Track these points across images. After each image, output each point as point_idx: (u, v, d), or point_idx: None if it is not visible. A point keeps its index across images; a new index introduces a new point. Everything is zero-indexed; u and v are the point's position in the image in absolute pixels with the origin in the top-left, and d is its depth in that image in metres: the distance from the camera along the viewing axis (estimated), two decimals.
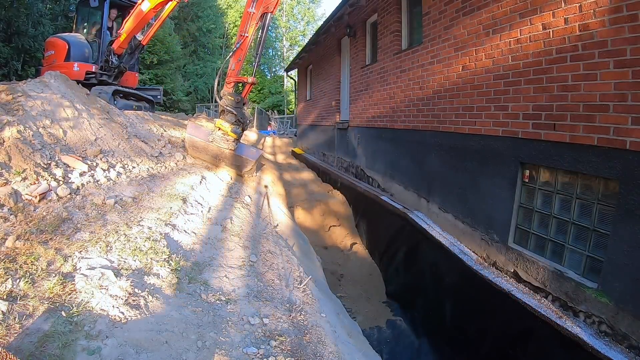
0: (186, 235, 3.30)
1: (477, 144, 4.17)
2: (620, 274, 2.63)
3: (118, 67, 7.89)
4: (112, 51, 7.67)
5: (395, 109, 6.29)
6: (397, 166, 6.40)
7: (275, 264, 3.61)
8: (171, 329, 2.12)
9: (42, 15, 13.71)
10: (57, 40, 8.21)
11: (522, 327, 3.31)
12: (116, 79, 8.11)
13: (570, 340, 2.78)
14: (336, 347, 2.63)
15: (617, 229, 2.68)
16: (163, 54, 22.19)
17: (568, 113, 2.99)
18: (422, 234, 5.04)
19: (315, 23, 37.45)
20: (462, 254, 4.24)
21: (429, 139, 5.22)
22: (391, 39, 6.46)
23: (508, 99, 3.65)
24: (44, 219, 2.72)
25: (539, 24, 3.24)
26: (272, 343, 2.32)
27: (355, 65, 8.38)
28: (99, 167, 3.75)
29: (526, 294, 3.35)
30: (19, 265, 2.21)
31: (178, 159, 5.22)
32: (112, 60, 7.74)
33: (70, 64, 7.75)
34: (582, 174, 3.01)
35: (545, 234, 3.40)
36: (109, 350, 1.84)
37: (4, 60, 12.44)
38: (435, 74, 5.00)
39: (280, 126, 25.64)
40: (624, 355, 2.49)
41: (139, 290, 2.33)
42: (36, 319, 1.89)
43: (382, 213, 6.41)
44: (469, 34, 4.24)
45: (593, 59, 2.77)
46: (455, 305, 4.39)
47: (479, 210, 4.17)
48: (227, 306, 2.57)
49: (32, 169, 3.11)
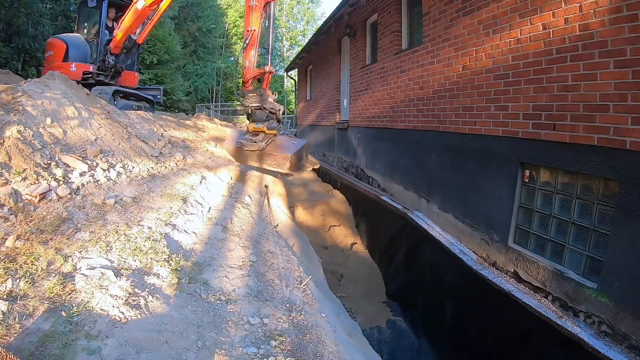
0: (186, 235, 3.30)
1: (477, 144, 4.17)
2: (620, 274, 2.63)
3: (114, 67, 7.87)
4: (109, 51, 7.66)
5: (395, 109, 6.29)
6: (397, 166, 6.40)
7: (276, 264, 3.61)
8: (171, 329, 2.12)
9: (42, 15, 13.70)
10: (56, 41, 8.24)
11: (522, 327, 3.31)
12: (113, 78, 8.09)
13: (570, 340, 2.78)
14: (336, 347, 2.63)
15: (617, 229, 2.68)
16: (163, 54, 22.16)
17: (568, 113, 2.99)
18: (422, 234, 5.04)
19: (315, 23, 37.46)
20: (462, 254, 4.24)
21: (429, 139, 5.22)
22: (391, 39, 6.46)
23: (508, 99, 3.65)
24: (44, 219, 2.72)
25: (539, 23, 3.24)
26: (272, 343, 2.32)
27: (355, 65, 8.38)
28: (99, 167, 3.74)
29: (526, 294, 3.35)
30: (19, 265, 2.21)
31: (178, 159, 5.22)
32: (108, 60, 7.72)
33: (68, 65, 7.76)
34: (582, 174, 3.01)
35: (545, 234, 3.40)
36: (109, 350, 1.84)
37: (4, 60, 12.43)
38: (435, 74, 5.00)
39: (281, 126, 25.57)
40: (624, 355, 2.49)
41: (139, 290, 2.33)
42: (36, 319, 1.89)
43: (382, 213, 6.41)
44: (469, 34, 4.24)
45: (593, 59, 2.77)
46: (455, 305, 4.39)
47: (479, 210, 4.17)
48: (227, 306, 2.57)
49: (32, 169, 3.11)
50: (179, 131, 6.61)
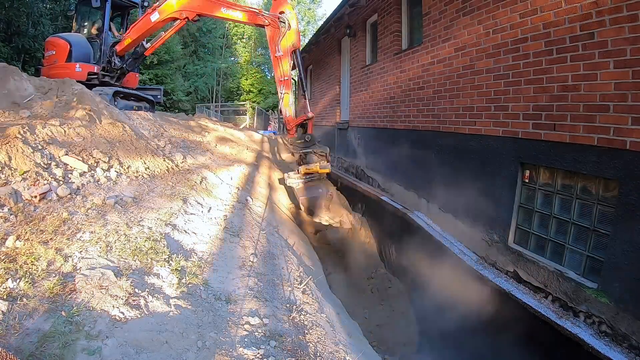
0: (186, 235, 3.30)
1: (477, 144, 4.17)
2: (620, 274, 2.63)
3: (121, 69, 7.79)
4: (115, 52, 7.59)
5: (395, 109, 6.29)
6: (397, 166, 6.40)
7: (276, 264, 3.62)
8: (171, 329, 2.12)
9: (42, 15, 13.68)
10: (58, 40, 8.05)
11: (522, 327, 3.31)
12: (118, 80, 8.01)
13: (570, 340, 2.78)
14: (336, 347, 2.63)
15: (617, 229, 2.68)
16: (163, 54, 22.16)
17: (568, 113, 2.99)
18: (422, 234, 5.04)
19: (316, 23, 37.40)
20: (462, 254, 4.24)
21: (429, 139, 5.22)
22: (391, 39, 6.46)
23: (508, 99, 3.65)
24: (44, 219, 2.72)
25: (539, 23, 3.25)
26: (272, 343, 2.31)
27: (355, 65, 8.38)
28: (99, 167, 3.74)
29: (526, 294, 3.35)
30: (19, 265, 2.21)
31: (178, 159, 5.22)
32: (114, 62, 7.64)
33: (72, 65, 7.64)
34: (582, 174, 3.01)
35: (545, 234, 3.40)
36: (109, 350, 1.83)
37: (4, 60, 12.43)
38: (435, 74, 5.00)
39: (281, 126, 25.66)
40: (624, 355, 2.49)
41: (139, 290, 2.33)
42: (36, 319, 1.89)
43: (383, 213, 6.41)
44: (469, 34, 4.24)
45: (593, 59, 2.77)
46: (455, 304, 4.38)
47: (479, 211, 4.17)
48: (227, 306, 2.57)
49: (32, 169, 3.11)
50: (180, 131, 6.61)
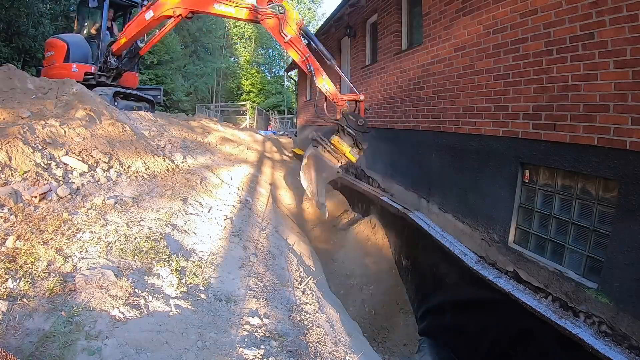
0: (186, 235, 3.30)
1: (477, 144, 4.17)
2: (620, 274, 2.63)
3: (117, 69, 7.82)
4: (111, 52, 7.61)
5: (395, 109, 6.29)
6: (397, 166, 6.40)
7: (276, 264, 3.62)
8: (171, 329, 2.12)
9: (42, 15, 13.69)
10: (57, 41, 8.16)
11: (522, 327, 3.31)
12: (114, 80, 8.04)
13: (570, 340, 2.78)
14: (336, 347, 2.63)
15: (617, 229, 2.68)
16: (163, 54, 22.18)
17: (568, 113, 2.99)
18: (422, 234, 5.04)
19: (316, 23, 37.40)
20: (462, 254, 4.24)
21: (429, 139, 5.21)
22: (391, 39, 6.46)
23: (508, 99, 3.65)
24: (44, 219, 2.72)
25: (539, 23, 3.24)
26: (272, 343, 2.31)
27: (355, 65, 8.38)
28: (99, 167, 3.74)
29: (526, 294, 3.34)
30: (19, 265, 2.21)
31: (178, 159, 5.22)
32: (110, 62, 7.67)
33: (69, 65, 7.71)
34: (582, 174, 3.01)
35: (545, 234, 3.40)
36: (109, 350, 1.83)
37: (4, 60, 12.43)
38: (435, 74, 5.00)
39: (281, 126, 25.69)
40: (624, 355, 2.49)
41: (139, 290, 2.33)
42: (36, 319, 1.89)
43: (382, 213, 6.41)
44: (469, 34, 4.24)
45: (593, 59, 2.77)
46: (455, 305, 4.39)
47: (479, 211, 4.17)
48: (227, 306, 2.57)
49: (32, 169, 3.11)
50: (180, 131, 6.61)
